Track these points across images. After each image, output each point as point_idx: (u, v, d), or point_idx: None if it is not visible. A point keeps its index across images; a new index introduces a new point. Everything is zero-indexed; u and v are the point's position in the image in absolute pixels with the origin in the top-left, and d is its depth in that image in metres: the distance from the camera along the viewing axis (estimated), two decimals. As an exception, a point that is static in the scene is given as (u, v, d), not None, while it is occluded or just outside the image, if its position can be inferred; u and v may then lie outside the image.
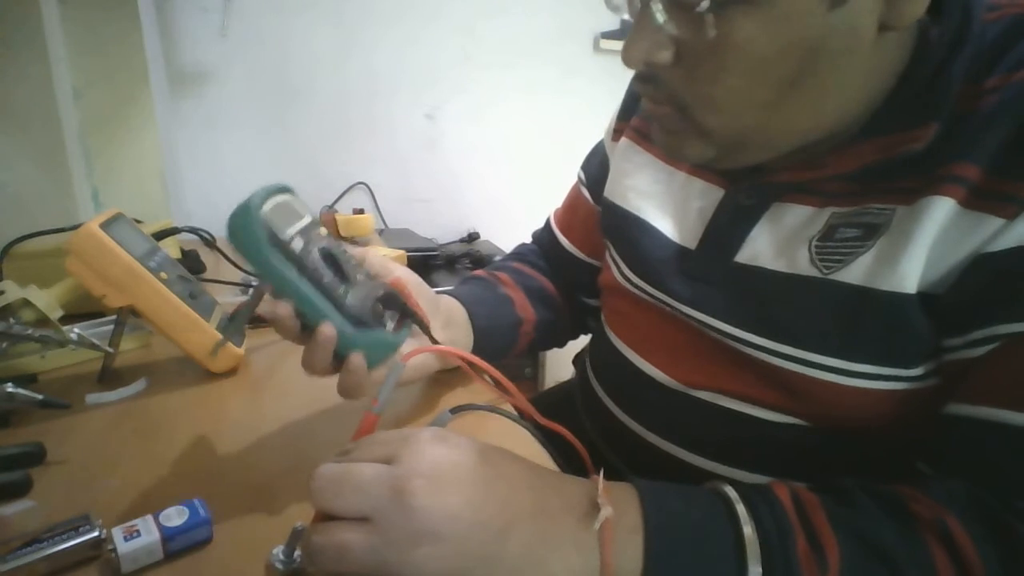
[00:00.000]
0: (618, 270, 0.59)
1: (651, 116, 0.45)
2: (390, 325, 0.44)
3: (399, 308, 0.45)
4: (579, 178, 0.72)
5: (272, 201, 0.39)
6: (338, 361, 0.42)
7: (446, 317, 0.54)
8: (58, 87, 0.83)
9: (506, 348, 0.64)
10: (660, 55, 0.39)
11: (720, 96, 0.39)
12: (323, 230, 0.43)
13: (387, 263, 0.49)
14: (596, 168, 0.68)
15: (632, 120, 0.62)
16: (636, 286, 0.56)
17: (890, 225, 0.39)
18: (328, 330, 0.39)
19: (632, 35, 0.39)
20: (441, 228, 1.64)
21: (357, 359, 0.41)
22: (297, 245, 0.38)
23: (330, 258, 0.41)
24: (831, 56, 0.37)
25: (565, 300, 0.71)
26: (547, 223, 0.77)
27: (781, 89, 0.38)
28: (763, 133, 0.41)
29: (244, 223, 0.36)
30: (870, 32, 0.37)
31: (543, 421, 0.51)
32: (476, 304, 0.60)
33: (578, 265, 0.71)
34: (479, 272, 0.70)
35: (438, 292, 0.56)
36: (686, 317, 0.50)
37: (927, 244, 0.37)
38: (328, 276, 0.40)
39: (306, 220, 0.41)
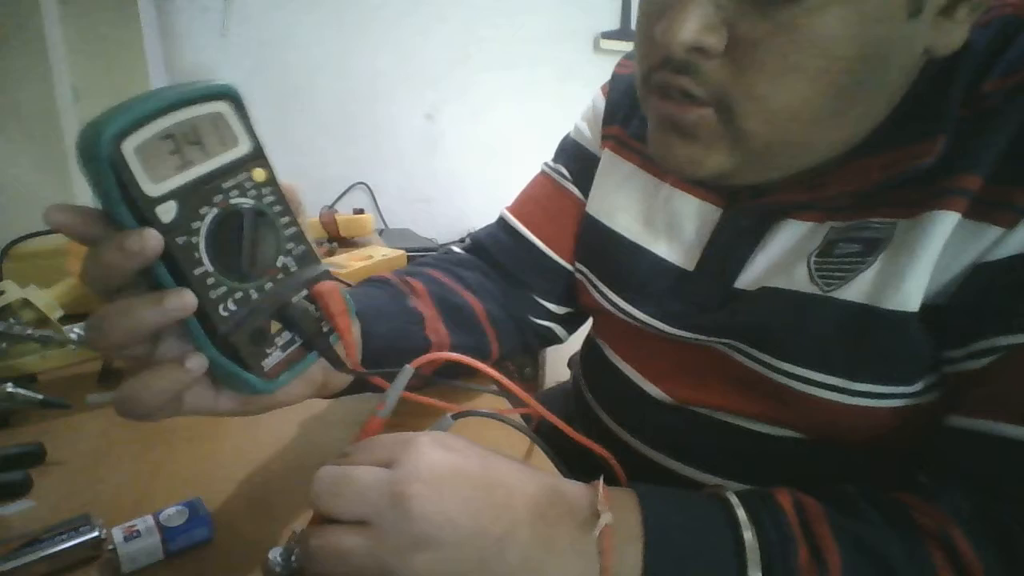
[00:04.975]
0: (600, 295, 0.55)
1: (670, 118, 0.38)
2: (277, 355, 0.31)
3: (304, 334, 0.31)
4: (560, 174, 0.61)
5: (159, 123, 0.25)
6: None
7: None
8: (58, 87, 0.83)
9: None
10: (711, 39, 0.34)
11: (778, 99, 0.34)
12: (260, 173, 0.28)
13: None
14: (578, 165, 0.60)
15: (612, 127, 0.57)
16: (625, 312, 0.52)
17: (891, 240, 0.38)
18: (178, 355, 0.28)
19: (677, 11, 0.33)
20: (441, 228, 1.64)
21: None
22: (167, 211, 0.26)
23: (231, 230, 0.27)
24: (887, 70, 0.35)
25: (497, 320, 0.57)
26: (505, 224, 0.62)
27: (838, 97, 0.35)
28: (799, 146, 0.37)
29: (90, 155, 0.24)
30: (917, 53, 0.36)
31: (582, 440, 0.45)
32: (374, 319, 0.46)
33: (555, 271, 0.60)
34: (385, 275, 0.55)
35: None
36: (681, 340, 0.48)
37: (932, 260, 0.36)
38: (205, 265, 0.27)
39: (225, 158, 0.27)
